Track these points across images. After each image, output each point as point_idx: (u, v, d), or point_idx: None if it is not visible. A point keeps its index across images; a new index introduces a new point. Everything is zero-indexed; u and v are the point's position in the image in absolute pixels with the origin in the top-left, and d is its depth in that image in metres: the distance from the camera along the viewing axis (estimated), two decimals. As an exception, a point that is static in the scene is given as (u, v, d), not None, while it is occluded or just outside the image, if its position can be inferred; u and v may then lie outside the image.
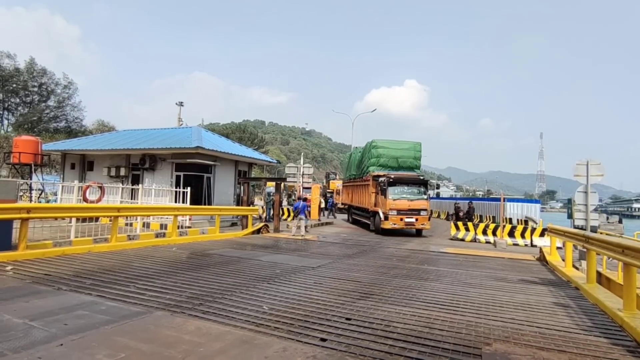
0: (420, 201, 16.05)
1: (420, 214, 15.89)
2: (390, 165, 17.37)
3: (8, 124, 44.95)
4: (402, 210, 15.75)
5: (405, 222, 15.79)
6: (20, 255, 7.36)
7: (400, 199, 15.89)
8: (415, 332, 4.19)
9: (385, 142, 17.80)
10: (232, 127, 73.35)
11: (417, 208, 15.95)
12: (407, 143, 17.92)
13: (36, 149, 18.21)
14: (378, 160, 17.45)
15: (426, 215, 16.03)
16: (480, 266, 9.16)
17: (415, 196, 16.09)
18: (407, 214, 15.77)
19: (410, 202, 15.90)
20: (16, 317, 4.11)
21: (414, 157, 17.50)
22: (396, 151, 17.48)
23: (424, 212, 16.00)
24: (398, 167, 17.33)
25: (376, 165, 17.34)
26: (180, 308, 4.71)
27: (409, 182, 16.47)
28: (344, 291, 5.98)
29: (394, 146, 17.66)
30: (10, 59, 43.99)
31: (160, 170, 17.04)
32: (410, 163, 17.58)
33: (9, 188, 8.03)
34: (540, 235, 14.33)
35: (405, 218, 15.73)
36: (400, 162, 17.38)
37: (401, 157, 17.40)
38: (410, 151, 17.60)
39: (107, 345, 3.49)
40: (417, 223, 15.93)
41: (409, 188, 16.28)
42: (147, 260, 7.95)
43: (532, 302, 5.79)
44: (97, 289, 5.41)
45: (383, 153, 17.44)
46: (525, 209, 23.48)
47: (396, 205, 15.75)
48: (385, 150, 17.56)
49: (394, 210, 15.68)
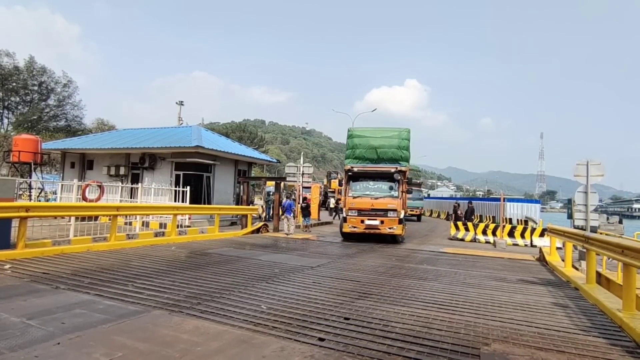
0: (387, 199, 12.77)
1: (387, 216, 12.55)
2: (368, 157, 14.33)
3: (8, 122, 44.91)
4: (364, 210, 12.75)
5: (366, 226, 12.62)
6: (18, 254, 7.35)
7: (362, 196, 13.02)
8: (413, 332, 4.18)
9: (362, 130, 14.93)
10: (232, 127, 73.35)
11: (383, 208, 12.63)
12: (389, 130, 14.78)
13: (36, 147, 18.17)
14: (353, 152, 14.50)
15: (395, 217, 12.53)
16: (479, 266, 9.15)
17: (383, 193, 13.05)
18: (370, 216, 12.65)
19: (374, 201, 12.81)
20: (14, 316, 4.10)
21: (397, 147, 14.10)
22: (375, 140, 14.31)
23: (393, 213, 12.54)
24: (377, 159, 14.20)
25: (352, 158, 14.46)
26: (178, 307, 4.69)
27: (376, 176, 13.35)
28: (342, 291, 5.97)
29: (372, 134, 14.52)
30: (10, 58, 43.92)
31: (159, 170, 17.05)
32: (393, 154, 14.18)
33: (8, 187, 8.03)
34: (540, 236, 14.33)
35: (366, 220, 12.65)
36: (380, 152, 14.22)
37: (381, 147, 14.24)
38: (393, 139, 14.28)
39: (105, 344, 3.48)
40: (382, 227, 12.55)
41: (375, 183, 13.32)
42: (146, 259, 7.94)
43: (531, 302, 5.78)
44: (96, 288, 5.40)
45: (359, 143, 14.42)
46: (525, 209, 23.46)
47: (356, 204, 12.82)
48: (361, 139, 14.48)
49: (354, 210, 12.76)
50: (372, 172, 13.49)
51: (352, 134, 14.67)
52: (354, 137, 14.59)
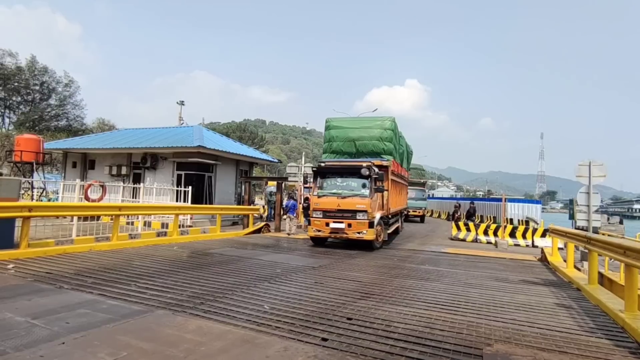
0: (355, 199, 10.77)
1: (355, 218, 10.62)
2: (346, 151, 12.88)
3: (10, 122, 45.01)
4: (329, 211, 10.96)
5: (332, 229, 10.87)
6: (22, 254, 7.38)
7: (328, 195, 11.15)
8: (416, 332, 4.19)
9: (340, 121, 13.47)
10: (232, 126, 73.38)
11: (350, 209, 10.70)
12: (369, 120, 13.31)
13: (38, 147, 18.24)
14: (330, 146, 13.14)
15: (364, 220, 10.57)
16: (481, 266, 9.16)
17: (352, 191, 11.00)
18: (336, 218, 10.85)
19: (340, 200, 10.88)
20: (18, 316, 4.12)
21: (378, 138, 12.45)
22: (353, 131, 12.79)
23: (362, 215, 10.58)
24: (357, 153, 12.69)
25: (329, 152, 13.13)
26: (181, 307, 4.71)
27: (345, 172, 11.34)
28: (344, 291, 5.99)
29: (351, 125, 13.07)
30: (12, 58, 44.02)
31: (161, 169, 17.08)
32: (374, 146, 12.53)
33: (11, 186, 8.06)
34: (541, 236, 14.32)
35: (331, 223, 10.85)
36: (359, 145, 12.64)
37: (360, 138, 12.65)
38: (374, 130, 12.62)
39: (109, 344, 3.50)
40: (349, 231, 10.68)
41: (344, 180, 11.30)
42: (149, 259, 7.96)
43: (534, 302, 5.78)
44: (99, 288, 5.42)
45: (336, 135, 13.04)
46: (526, 209, 23.42)
47: (321, 204, 11.09)
48: (339, 131, 13.01)
49: (319, 211, 11.07)
50: (341, 167, 11.57)
51: (329, 124, 13.28)
52: (331, 129, 13.22)
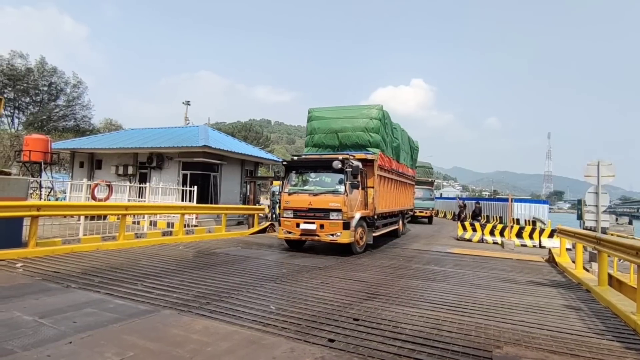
0: (328, 196, 9.53)
1: (328, 218, 9.41)
2: (328, 144, 11.61)
3: (19, 122, 45.50)
4: (300, 210, 9.79)
5: (302, 231, 9.65)
6: (30, 253, 7.44)
7: (299, 192, 9.96)
8: (423, 333, 4.15)
9: (323, 111, 12.08)
10: (237, 126, 73.60)
11: (323, 207, 9.49)
12: (355, 109, 11.74)
13: (46, 147, 18.42)
14: (312, 138, 11.89)
15: (338, 220, 9.33)
16: (487, 267, 9.07)
17: (325, 188, 9.72)
18: (307, 218, 9.65)
19: (312, 198, 9.67)
20: (26, 315, 4.14)
21: (363, 129, 11.09)
22: (336, 122, 11.50)
23: (336, 214, 9.36)
24: (340, 146, 11.43)
25: (310, 146, 11.95)
26: (187, 307, 4.71)
27: (319, 166, 10.09)
28: (350, 291, 5.95)
29: (334, 115, 11.74)
30: (23, 59, 44.52)
31: (167, 169, 17.16)
32: (358, 138, 11.15)
33: (20, 186, 8.12)
34: (549, 237, 14.17)
35: (302, 223, 9.65)
36: (342, 137, 11.31)
37: (343, 129, 11.33)
38: (358, 120, 11.23)
39: (116, 344, 3.50)
40: (321, 232, 9.47)
41: (317, 175, 10.09)
42: (155, 258, 7.99)
43: (542, 304, 5.71)
44: (106, 287, 5.44)
45: (318, 127, 11.79)
46: (533, 209, 23.24)
47: (292, 202, 9.93)
48: (321, 122, 11.76)
49: (289, 210, 9.94)
50: (313, 162, 10.39)
51: (311, 115, 12.06)
52: (312, 120, 11.96)
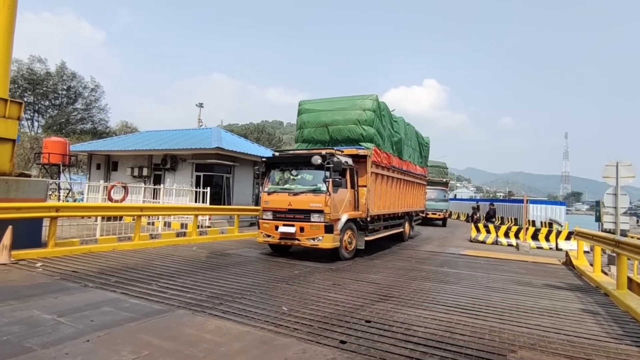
0: (309, 195, 8.60)
1: (309, 220, 8.50)
2: (318, 139, 10.60)
3: (38, 125, 46.83)
4: (279, 211, 8.92)
5: (281, 234, 8.77)
6: (49, 253, 7.65)
7: (279, 191, 9.07)
8: (436, 336, 4.11)
9: (313, 103, 11.12)
10: (250, 128, 74.20)
11: (303, 208, 8.61)
12: (347, 99, 10.58)
13: (64, 149, 18.91)
14: (301, 133, 10.97)
15: (320, 223, 8.40)
16: (502, 269, 8.93)
17: (306, 187, 8.79)
18: (286, 220, 8.79)
19: (292, 198, 8.78)
20: (45, 313, 4.26)
21: (355, 122, 10.02)
22: (326, 114, 10.51)
23: (317, 216, 8.44)
24: (330, 140, 10.40)
25: (300, 141, 11.02)
26: (200, 307, 4.78)
27: (300, 163, 9.09)
28: (362, 293, 5.94)
29: (324, 107, 10.75)
30: (42, 64, 45.90)
31: (181, 171, 17.40)
32: (350, 132, 10.07)
33: (39, 187, 8.35)
34: (566, 239, 13.86)
35: (281, 226, 8.77)
36: (333, 131, 10.30)
37: (333, 122, 10.33)
38: (350, 112, 10.17)
39: (132, 342, 3.57)
40: (302, 236, 8.56)
41: (299, 173, 9.10)
42: (169, 259, 8.12)
43: (559, 308, 5.60)
44: (122, 287, 5.56)
45: (307, 120, 10.84)
46: (549, 211, 22.74)
47: (271, 202, 9.07)
48: (310, 115, 10.82)
49: (268, 211, 9.09)
50: (293, 157, 9.50)
51: (301, 108, 11.14)
52: (302, 113, 11.02)
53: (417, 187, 15.35)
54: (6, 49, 8.23)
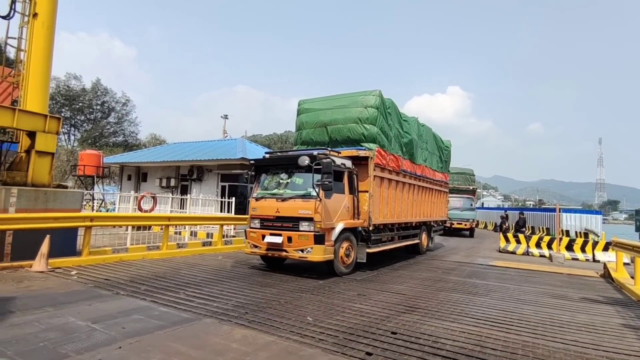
0: (298, 201, 7.77)
1: (298, 229, 7.63)
2: (317, 140, 9.81)
3: (74, 139, 49.35)
4: (267, 219, 8.12)
5: (268, 244, 7.92)
6: (83, 261, 7.98)
7: (268, 197, 8.27)
8: (465, 350, 3.98)
9: (313, 102, 10.34)
10: (273, 138, 75.28)
11: (292, 216, 7.75)
12: (348, 96, 9.69)
13: (98, 162, 19.78)
14: (300, 135, 10.25)
15: (309, 232, 7.50)
16: (534, 281, 8.57)
17: (295, 192, 7.98)
18: (274, 228, 7.95)
19: (280, 204, 7.97)
20: (80, 320, 4.43)
21: (356, 120, 9.15)
22: (325, 113, 9.74)
23: (307, 224, 7.56)
24: (330, 142, 9.58)
25: (299, 144, 10.24)
26: (227, 316, 4.83)
27: (290, 165, 8.21)
28: (388, 304, 5.85)
29: (323, 105, 9.96)
30: (77, 80, 48.60)
31: (206, 181, 17.81)
32: (350, 131, 9.21)
33: (75, 198, 8.76)
34: (603, 250, 13.17)
35: (268, 235, 7.94)
36: (332, 131, 9.50)
37: (333, 122, 9.53)
38: (351, 110, 9.31)
39: (161, 350, 3.65)
40: (290, 247, 7.69)
41: (288, 177, 8.28)
42: (195, 268, 8.28)
43: (597, 323, 5.31)
44: (151, 295, 5.71)
45: (306, 121, 10.11)
46: (584, 220, 21.71)
47: (259, 209, 8.28)
48: (309, 115, 10.09)
49: (256, 219, 8.31)
50: (281, 159, 8.70)
51: (300, 108, 10.41)
52: (301, 113, 10.30)
53: (437, 194, 13.97)
54: (46, 67, 8.76)
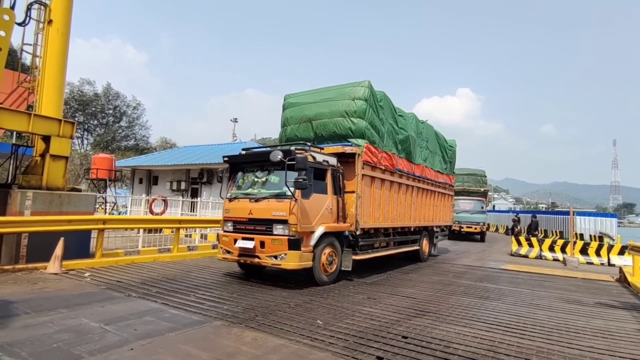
0: (271, 202, 7.05)
1: (271, 232, 6.92)
2: (301, 136, 9.07)
3: (87, 143, 50.27)
4: (239, 221, 7.45)
5: (240, 249, 7.20)
6: (96, 263, 8.09)
7: (240, 197, 7.61)
8: (478, 355, 3.92)
9: (298, 96, 9.60)
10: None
11: (265, 218, 7.05)
12: (335, 89, 8.99)
13: (111, 165, 20.07)
14: (284, 132, 9.55)
15: (283, 236, 6.75)
16: (548, 286, 8.42)
17: (270, 191, 7.30)
18: (246, 232, 7.28)
19: (253, 205, 7.28)
20: (93, 321, 4.49)
21: (343, 114, 8.45)
22: (310, 107, 9.03)
23: (281, 227, 6.83)
24: (315, 137, 8.86)
25: (283, 141, 9.42)
26: (237, 319, 4.84)
27: (265, 162, 7.43)
28: (398, 307, 5.80)
29: (309, 99, 9.24)
30: (91, 86, 49.58)
31: (216, 184, 17.95)
32: (337, 126, 8.50)
33: (88, 201, 8.90)
34: (619, 254, 12.88)
35: (240, 240, 7.24)
36: (317, 126, 8.80)
37: (318, 116, 8.82)
38: (336, 103, 8.60)
39: (172, 352, 3.68)
40: (262, 253, 6.94)
41: (264, 175, 7.66)
42: (206, 270, 8.33)
43: (613, 328, 5.19)
44: (162, 297, 5.76)
45: (291, 116, 9.41)
46: (599, 223, 21.30)
47: (232, 210, 7.61)
48: (294, 110, 9.39)
49: (229, 221, 7.64)
50: (256, 156, 7.91)
51: (285, 103, 9.72)
52: (286, 109, 9.61)
53: (440, 197, 13.03)
54: (60, 73, 8.94)
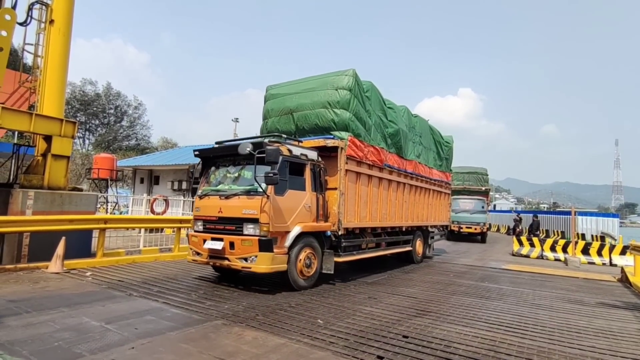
0: (242, 199, 6.48)
1: (241, 232, 6.38)
2: (282, 129, 8.45)
3: (89, 143, 50.40)
4: (209, 220, 6.91)
5: (209, 251, 6.65)
6: (98, 262, 8.11)
7: (211, 194, 7.05)
8: (479, 355, 3.91)
9: (280, 87, 9.01)
10: (284, 141, 75.49)
11: (235, 216, 6.50)
12: (317, 78, 8.38)
13: (112, 165, 20.11)
14: (265, 125, 8.96)
15: (253, 237, 6.20)
16: (549, 286, 8.40)
17: (241, 187, 6.69)
18: (216, 232, 6.73)
19: (223, 203, 6.73)
20: (94, 320, 4.50)
21: (325, 105, 7.87)
22: (291, 98, 8.48)
23: (252, 227, 6.29)
24: (296, 130, 8.31)
25: (265, 132, 8.84)
26: (238, 318, 4.85)
27: (236, 156, 6.92)
28: (399, 307, 5.79)
29: (290, 89, 8.68)
30: (92, 85, 49.71)
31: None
32: (319, 118, 7.92)
33: (90, 201, 8.92)
34: (620, 254, 12.84)
35: (208, 240, 6.67)
36: (298, 118, 8.23)
37: (299, 107, 8.26)
38: (319, 92, 8.03)
39: (173, 351, 3.68)
40: (232, 254, 6.38)
41: (236, 170, 7.04)
42: (206, 270, 8.32)
43: (615, 328, 5.17)
44: (163, 296, 5.77)
45: (272, 108, 8.85)
46: (600, 223, 21.25)
47: (202, 209, 7.06)
48: (275, 102, 8.82)
49: (199, 220, 7.10)
50: (227, 150, 7.16)
51: (267, 95, 9.14)
52: (267, 100, 9.04)
53: (435, 195, 12.41)
54: (62, 73, 8.96)
